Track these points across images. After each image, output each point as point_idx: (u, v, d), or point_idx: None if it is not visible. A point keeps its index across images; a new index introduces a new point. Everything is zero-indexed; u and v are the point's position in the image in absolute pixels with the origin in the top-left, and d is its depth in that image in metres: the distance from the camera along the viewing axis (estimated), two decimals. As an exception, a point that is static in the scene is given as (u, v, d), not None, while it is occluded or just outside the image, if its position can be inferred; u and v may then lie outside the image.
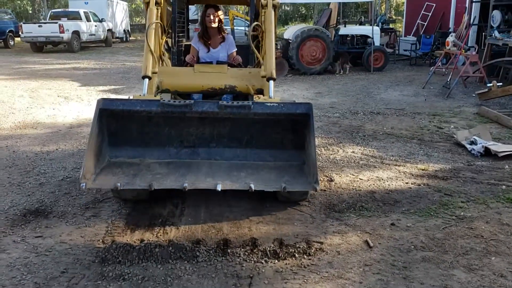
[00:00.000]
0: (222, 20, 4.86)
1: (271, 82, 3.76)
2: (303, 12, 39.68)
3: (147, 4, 4.01)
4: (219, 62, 4.78)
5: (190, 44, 5.03)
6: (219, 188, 3.05)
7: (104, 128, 3.42)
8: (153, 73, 3.86)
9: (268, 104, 3.38)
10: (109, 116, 3.40)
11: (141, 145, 3.64)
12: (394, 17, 40.10)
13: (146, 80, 3.78)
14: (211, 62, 4.78)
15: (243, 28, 17.93)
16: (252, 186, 3.09)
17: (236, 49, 4.89)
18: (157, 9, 4.03)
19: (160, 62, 4.38)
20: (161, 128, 3.58)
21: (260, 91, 4.09)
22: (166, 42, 4.79)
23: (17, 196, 4.26)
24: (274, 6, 4.03)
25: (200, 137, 3.64)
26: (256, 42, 4.62)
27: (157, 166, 3.51)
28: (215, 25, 4.72)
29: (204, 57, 4.80)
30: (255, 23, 4.23)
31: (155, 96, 3.85)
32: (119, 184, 3.09)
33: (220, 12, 4.78)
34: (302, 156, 3.49)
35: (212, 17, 4.67)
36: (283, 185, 3.16)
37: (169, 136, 3.63)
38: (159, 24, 4.17)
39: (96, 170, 3.30)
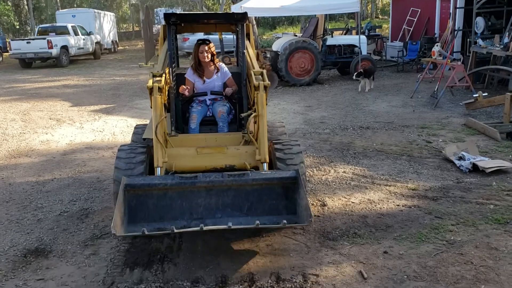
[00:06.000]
0: (214, 52, 4.96)
1: (265, 164, 4.11)
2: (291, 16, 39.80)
3: (150, 90, 4.01)
4: (214, 92, 4.90)
5: (181, 74, 5.12)
6: (231, 226, 3.33)
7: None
8: (164, 162, 4.07)
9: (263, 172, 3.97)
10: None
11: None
12: (380, 17, 40.51)
13: (159, 168, 4.02)
14: (206, 93, 4.89)
15: (231, 36, 17.96)
16: (258, 222, 3.40)
17: (231, 75, 5.00)
18: (160, 95, 4.04)
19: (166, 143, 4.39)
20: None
21: (256, 168, 4.26)
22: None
23: (16, 235, 4.33)
24: (265, 87, 4.11)
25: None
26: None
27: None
28: (208, 59, 4.84)
29: (200, 88, 4.93)
30: (254, 114, 4.25)
31: None
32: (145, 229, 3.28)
33: (211, 45, 4.90)
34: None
35: (205, 53, 4.81)
36: (284, 221, 3.39)
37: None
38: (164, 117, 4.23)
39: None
